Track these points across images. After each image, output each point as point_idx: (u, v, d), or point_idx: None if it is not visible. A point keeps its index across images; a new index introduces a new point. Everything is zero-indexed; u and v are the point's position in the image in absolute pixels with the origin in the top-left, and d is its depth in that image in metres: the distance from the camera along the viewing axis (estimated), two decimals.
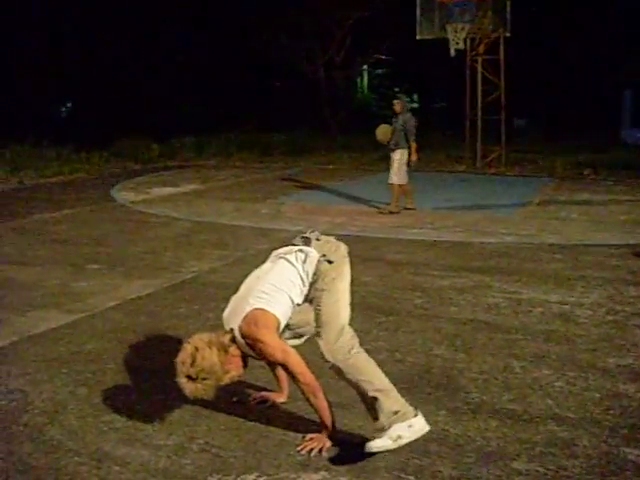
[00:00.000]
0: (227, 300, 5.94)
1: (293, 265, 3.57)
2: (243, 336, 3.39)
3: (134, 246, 8.36)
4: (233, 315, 3.50)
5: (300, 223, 9.74)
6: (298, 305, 3.57)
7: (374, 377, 3.45)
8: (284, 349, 3.40)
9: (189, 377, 3.27)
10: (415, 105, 42.07)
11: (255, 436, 3.62)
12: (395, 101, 11.21)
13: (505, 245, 8.38)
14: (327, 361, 3.45)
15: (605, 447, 3.54)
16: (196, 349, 3.28)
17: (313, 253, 3.58)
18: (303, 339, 3.89)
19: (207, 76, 27.26)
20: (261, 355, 3.44)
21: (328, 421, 3.49)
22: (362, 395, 3.46)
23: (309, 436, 3.57)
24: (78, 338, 5.14)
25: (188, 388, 3.30)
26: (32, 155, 17.33)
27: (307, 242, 3.65)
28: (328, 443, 3.49)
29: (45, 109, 27.66)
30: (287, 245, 3.73)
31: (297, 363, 3.39)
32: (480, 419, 3.85)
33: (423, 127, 12.86)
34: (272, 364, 3.81)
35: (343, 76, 27.71)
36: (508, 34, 15.97)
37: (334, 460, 3.39)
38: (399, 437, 3.33)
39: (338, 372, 3.47)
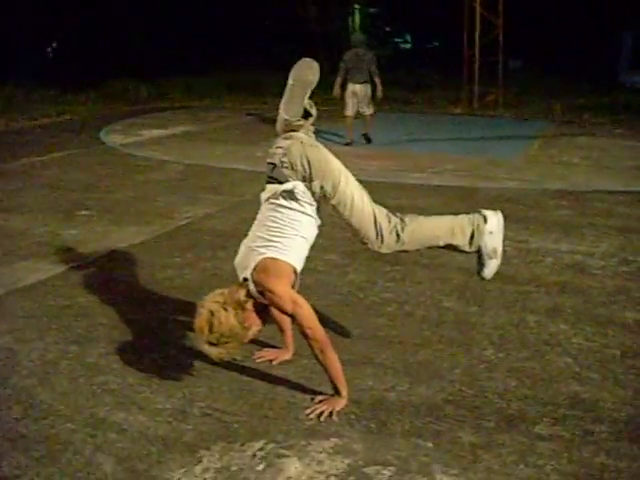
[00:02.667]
0: (224, 248, 5.74)
1: (289, 208, 3.28)
2: (255, 284, 3.17)
3: (125, 191, 8.04)
4: (245, 263, 3.26)
5: None
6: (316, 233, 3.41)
7: (435, 231, 3.42)
8: (295, 300, 3.14)
9: (211, 343, 3.07)
10: (408, 45, 41.34)
11: (260, 399, 3.39)
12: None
13: (509, 190, 8.10)
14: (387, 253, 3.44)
15: (631, 410, 3.33)
16: (211, 313, 3.05)
17: (297, 185, 3.27)
18: None
19: (196, 13, 26.42)
20: (271, 304, 3.21)
21: (339, 381, 3.26)
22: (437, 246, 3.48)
23: (318, 398, 3.34)
24: (69, 291, 4.87)
25: (213, 354, 3.12)
26: (17, 97, 16.78)
27: (274, 170, 3.33)
28: (339, 406, 3.26)
29: (30, 49, 26.81)
30: (267, 182, 3.38)
31: (307, 316, 3.14)
32: (498, 378, 3.63)
33: (417, 67, 12.65)
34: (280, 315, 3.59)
35: (335, 15, 26.94)
36: None
37: (345, 425, 3.17)
38: (494, 249, 3.44)
39: (405, 251, 3.45)
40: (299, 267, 3.31)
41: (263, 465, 2.87)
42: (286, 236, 3.23)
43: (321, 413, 3.22)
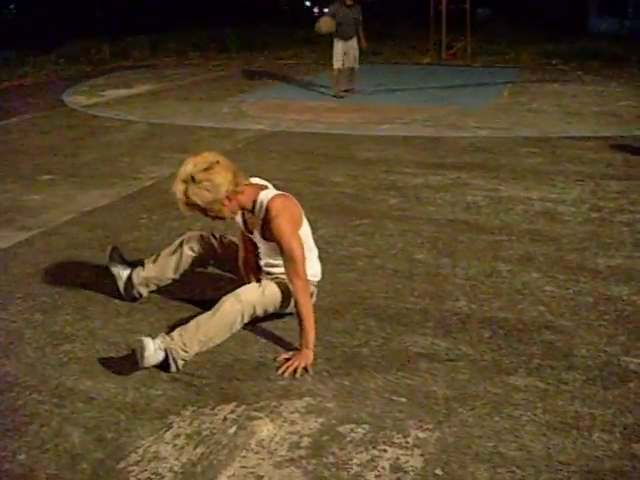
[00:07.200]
0: None
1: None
2: (267, 207, 3.26)
3: (89, 153, 7.84)
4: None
5: (263, 122, 9.27)
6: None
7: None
8: (296, 234, 3.28)
9: (192, 179, 3.08)
10: None
11: (230, 360, 3.32)
12: None
13: (479, 139, 8.04)
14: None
15: (604, 357, 3.32)
16: (218, 162, 3.13)
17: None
18: None
19: None
20: (272, 232, 3.25)
21: (310, 331, 3.23)
22: None
23: (283, 356, 3.29)
24: (33, 257, 4.74)
25: (182, 187, 3.11)
26: None
27: None
28: (309, 359, 3.21)
29: None
30: None
31: (300, 254, 3.24)
32: (471, 330, 3.59)
33: (385, 17, 12.56)
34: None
35: None
36: None
37: (318, 383, 3.12)
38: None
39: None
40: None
41: (235, 428, 2.82)
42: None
43: (295, 370, 3.16)
